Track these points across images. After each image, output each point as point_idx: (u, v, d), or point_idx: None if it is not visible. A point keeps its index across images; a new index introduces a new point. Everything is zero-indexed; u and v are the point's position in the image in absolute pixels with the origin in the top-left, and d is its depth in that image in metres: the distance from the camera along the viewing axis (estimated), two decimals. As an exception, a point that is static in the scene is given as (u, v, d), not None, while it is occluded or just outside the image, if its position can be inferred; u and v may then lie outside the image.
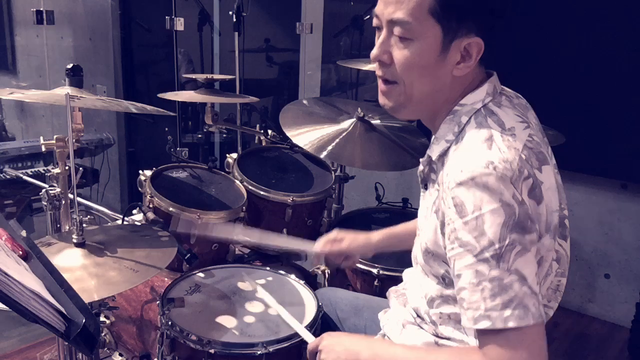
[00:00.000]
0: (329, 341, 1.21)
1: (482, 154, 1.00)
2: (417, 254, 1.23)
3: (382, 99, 1.15)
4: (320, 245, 1.57)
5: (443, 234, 1.07)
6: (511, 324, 0.96)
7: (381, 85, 1.14)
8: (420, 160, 1.19)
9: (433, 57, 1.06)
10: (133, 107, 1.58)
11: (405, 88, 1.10)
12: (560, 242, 1.11)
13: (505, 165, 0.98)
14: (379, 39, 1.10)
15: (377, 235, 1.57)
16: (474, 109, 1.10)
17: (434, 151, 1.13)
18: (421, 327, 1.24)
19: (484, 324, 0.98)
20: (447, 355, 1.10)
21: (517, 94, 1.19)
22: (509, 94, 1.16)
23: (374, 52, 1.11)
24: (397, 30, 1.06)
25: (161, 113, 1.65)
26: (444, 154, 1.11)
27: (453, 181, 1.01)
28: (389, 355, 1.14)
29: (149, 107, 1.64)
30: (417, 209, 2.22)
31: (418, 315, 1.25)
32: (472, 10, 1.04)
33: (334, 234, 1.58)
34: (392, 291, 1.40)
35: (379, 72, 1.13)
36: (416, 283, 1.26)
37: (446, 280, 1.13)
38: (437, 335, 1.19)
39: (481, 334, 1.01)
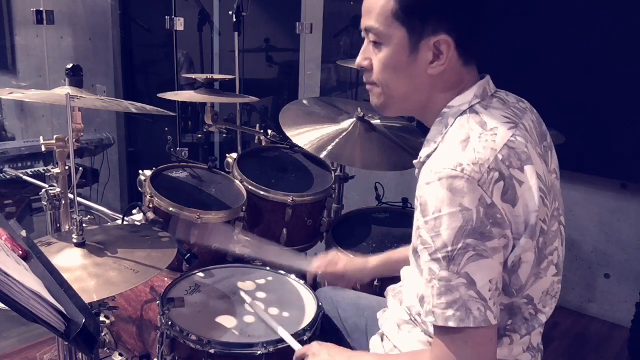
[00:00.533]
0: (317, 349, 1.27)
1: (454, 155, 1.03)
2: (410, 252, 1.24)
3: (371, 99, 1.22)
4: (316, 265, 1.62)
5: None
6: (451, 324, 1.00)
7: (367, 86, 1.20)
8: (414, 162, 1.21)
9: (404, 58, 1.10)
10: (133, 107, 1.58)
11: (384, 89, 1.15)
12: (558, 247, 1.12)
13: (474, 167, 0.99)
14: (362, 48, 1.17)
15: (374, 261, 1.59)
16: (460, 110, 1.12)
17: (423, 152, 1.16)
18: (416, 326, 1.24)
19: (430, 319, 1.04)
20: (404, 357, 1.21)
21: (520, 98, 1.20)
22: (506, 97, 1.17)
23: (357, 60, 1.18)
24: (371, 36, 1.13)
25: (161, 113, 1.65)
26: (430, 155, 1.13)
27: (423, 180, 1.04)
28: None
29: (148, 107, 1.64)
30: (417, 209, 2.23)
31: (412, 314, 1.25)
32: (433, 10, 1.07)
33: (331, 255, 1.63)
34: (390, 290, 1.41)
35: (364, 78, 1.19)
36: (411, 281, 1.27)
37: None
38: (429, 335, 1.20)
39: (434, 332, 1.06)
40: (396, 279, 1.46)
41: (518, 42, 2.79)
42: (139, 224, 1.84)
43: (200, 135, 3.87)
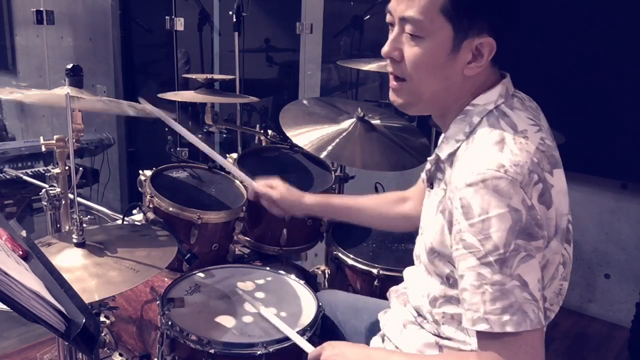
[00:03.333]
0: (331, 351, 1.20)
1: (493, 156, 1.00)
2: (420, 253, 1.23)
3: (392, 96, 1.15)
4: (259, 185, 1.59)
5: (450, 233, 1.07)
6: (508, 329, 0.97)
7: (392, 82, 1.14)
8: (428, 159, 1.19)
9: (443, 56, 1.06)
10: (132, 109, 1.57)
11: (414, 86, 1.10)
12: (565, 246, 1.11)
13: (516, 169, 0.97)
14: (391, 36, 1.10)
15: (311, 198, 1.58)
16: (486, 109, 1.09)
17: (442, 150, 1.13)
18: (422, 327, 1.23)
19: (482, 327, 0.99)
20: (446, 358, 1.12)
21: (528, 96, 1.19)
22: (521, 96, 1.16)
23: (385, 48, 1.11)
24: (408, 27, 1.06)
25: (162, 118, 1.63)
26: (453, 154, 1.10)
27: (462, 182, 1.00)
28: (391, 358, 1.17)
29: (148, 109, 1.63)
30: (417, 209, 2.23)
31: (419, 314, 1.24)
32: (484, 10, 1.03)
33: (273, 180, 1.59)
34: (393, 291, 1.40)
35: (389, 69, 1.13)
36: (418, 282, 1.26)
37: (450, 281, 1.13)
38: (438, 335, 1.19)
39: (480, 336, 1.02)
40: (398, 280, 1.46)
41: (517, 42, 2.79)
42: (139, 223, 1.84)
43: (200, 135, 3.87)
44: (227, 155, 2.12)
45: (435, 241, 1.13)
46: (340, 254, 1.90)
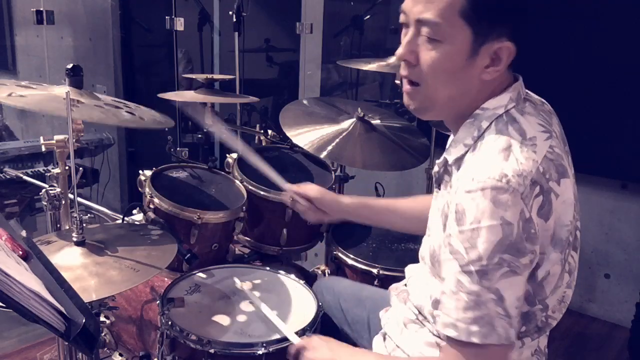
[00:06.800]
0: (317, 342, 1.25)
1: (497, 164, 0.98)
2: (425, 254, 1.23)
3: (406, 100, 1.12)
4: (290, 185, 1.59)
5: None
6: (474, 339, 0.98)
7: (405, 86, 1.10)
8: (436, 161, 1.17)
9: (461, 61, 1.02)
10: (129, 121, 1.56)
11: (430, 91, 1.06)
12: (572, 253, 1.10)
13: (519, 179, 0.96)
14: (406, 38, 1.06)
15: (347, 199, 1.56)
16: (495, 114, 1.06)
17: (451, 154, 1.11)
18: (423, 325, 1.23)
19: (450, 332, 1.00)
20: None
21: (542, 99, 1.16)
22: (534, 100, 1.14)
23: (399, 51, 1.07)
24: (425, 30, 1.02)
25: (158, 127, 1.62)
26: (460, 158, 1.08)
27: (462, 188, 0.99)
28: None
29: (146, 114, 1.61)
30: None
31: (420, 313, 1.24)
32: (505, 13, 1.01)
33: (307, 184, 1.60)
34: (393, 288, 1.40)
35: (403, 72, 1.09)
36: (422, 281, 1.25)
37: None
38: (439, 336, 1.19)
39: (447, 340, 1.03)
40: (398, 280, 1.46)
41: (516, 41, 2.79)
42: (138, 223, 1.84)
43: (200, 135, 3.87)
44: (227, 155, 2.12)
45: (436, 244, 1.13)
46: (340, 254, 1.90)
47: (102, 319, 1.77)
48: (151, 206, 1.78)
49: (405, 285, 1.36)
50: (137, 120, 1.55)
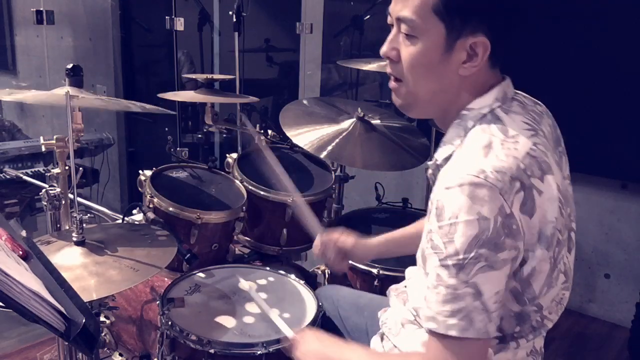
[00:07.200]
0: (309, 336, 1.27)
1: (476, 161, 1.00)
2: (418, 255, 1.23)
3: (393, 97, 1.16)
4: (328, 234, 1.54)
5: None
6: (452, 333, 0.99)
7: (391, 83, 1.14)
8: (428, 163, 1.18)
9: (437, 56, 1.06)
10: (132, 104, 1.58)
11: (410, 86, 1.10)
12: (566, 254, 1.11)
13: (497, 175, 0.97)
14: (389, 36, 1.11)
15: (375, 240, 1.57)
16: (480, 114, 1.08)
17: (440, 154, 1.13)
18: (421, 326, 1.24)
19: (430, 325, 1.02)
20: (394, 357, 1.21)
21: (536, 100, 1.18)
22: (524, 100, 1.15)
23: (383, 48, 1.12)
24: (403, 27, 1.07)
25: (160, 112, 1.64)
26: (448, 158, 1.10)
27: (442, 184, 1.01)
28: (345, 354, 1.21)
29: (147, 106, 1.64)
30: (417, 209, 2.23)
31: (418, 314, 1.25)
32: (476, 9, 1.03)
33: (337, 232, 1.56)
34: (392, 289, 1.40)
35: (388, 70, 1.14)
36: (420, 282, 1.26)
37: None
38: None
39: (429, 333, 1.04)
40: (398, 280, 1.46)
41: (516, 42, 2.78)
42: (138, 223, 1.84)
43: (200, 135, 3.87)
44: (227, 155, 2.13)
45: (423, 242, 1.13)
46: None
47: (102, 319, 1.77)
48: (151, 206, 1.78)
49: (405, 286, 1.36)
50: (139, 105, 1.57)
